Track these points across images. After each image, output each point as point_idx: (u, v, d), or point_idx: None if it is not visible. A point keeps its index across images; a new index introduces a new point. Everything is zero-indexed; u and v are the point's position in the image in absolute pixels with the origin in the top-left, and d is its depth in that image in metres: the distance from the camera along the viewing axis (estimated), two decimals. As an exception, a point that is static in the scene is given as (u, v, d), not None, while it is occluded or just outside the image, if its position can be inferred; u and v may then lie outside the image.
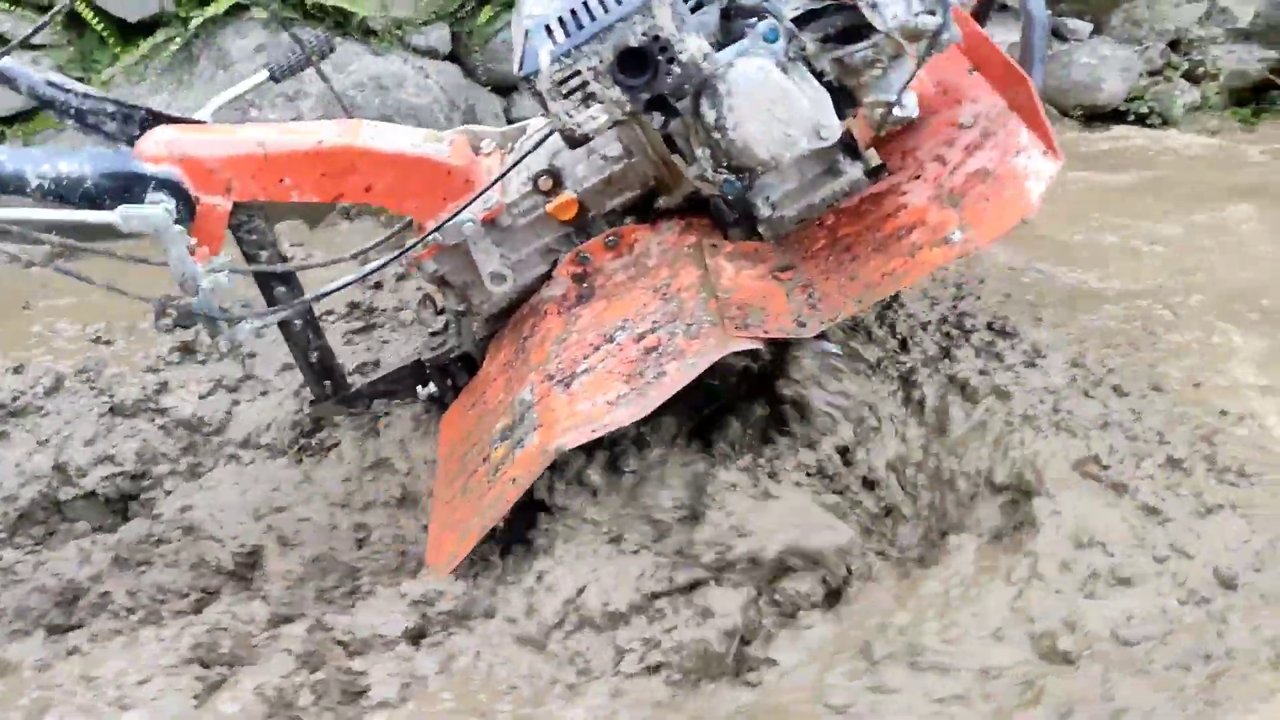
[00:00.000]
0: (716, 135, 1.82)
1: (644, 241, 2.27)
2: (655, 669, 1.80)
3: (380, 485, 2.48)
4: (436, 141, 2.28)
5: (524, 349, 2.27)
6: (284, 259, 2.35)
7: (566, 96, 1.71)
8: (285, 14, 3.74)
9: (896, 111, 1.84)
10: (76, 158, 2.08)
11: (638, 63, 1.72)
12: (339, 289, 2.21)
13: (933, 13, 1.73)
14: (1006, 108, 2.12)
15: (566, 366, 2.11)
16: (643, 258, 2.25)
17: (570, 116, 1.73)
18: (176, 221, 2.08)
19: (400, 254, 2.16)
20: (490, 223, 2.24)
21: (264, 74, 2.47)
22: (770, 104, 1.79)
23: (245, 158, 2.17)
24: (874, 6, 1.72)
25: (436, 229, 2.16)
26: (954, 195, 2.06)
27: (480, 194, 2.10)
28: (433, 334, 2.54)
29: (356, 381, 2.55)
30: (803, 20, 1.79)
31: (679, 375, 1.92)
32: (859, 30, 1.79)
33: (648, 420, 1.94)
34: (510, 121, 3.94)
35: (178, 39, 3.79)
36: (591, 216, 2.28)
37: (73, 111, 2.22)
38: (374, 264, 2.19)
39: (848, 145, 2.16)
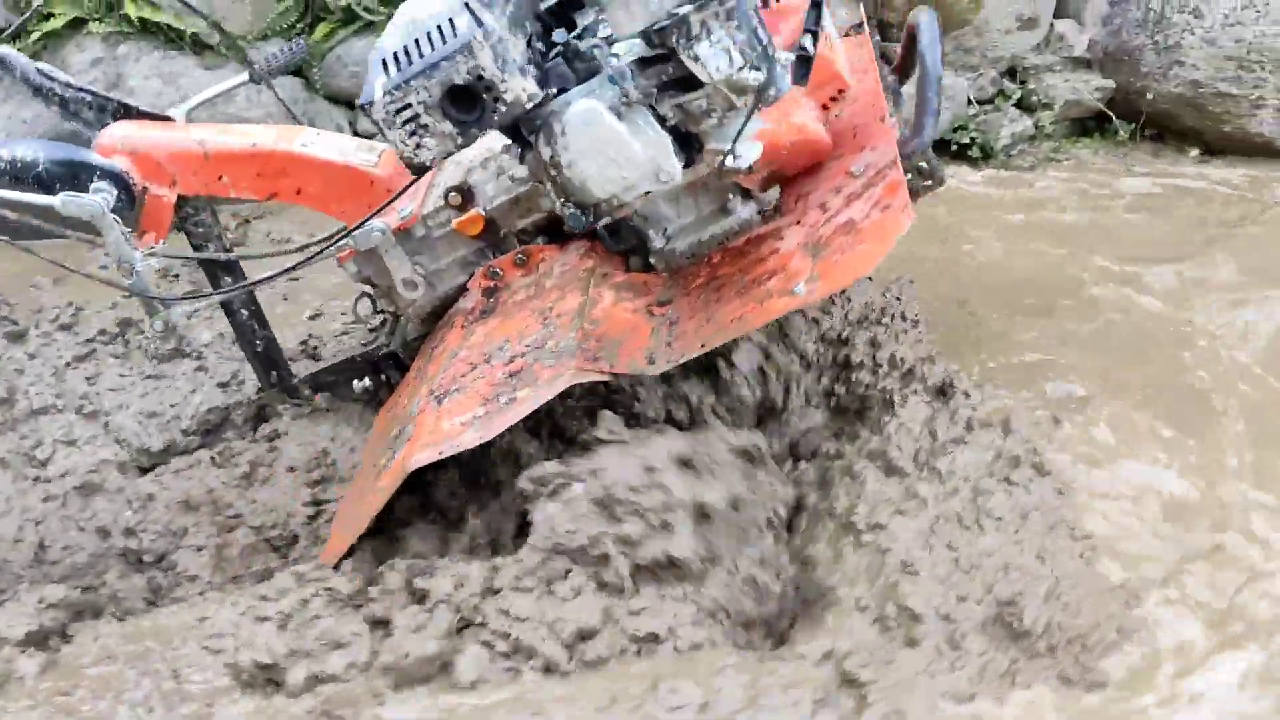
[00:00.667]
0: (554, 171, 1.90)
1: (550, 262, 2.36)
2: None
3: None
4: (368, 152, 2.43)
5: (429, 359, 2.40)
6: (228, 249, 2.55)
7: (400, 126, 1.83)
8: (119, 29, 3.97)
9: (730, 162, 1.88)
10: (34, 145, 2.32)
11: (467, 98, 1.82)
12: (269, 279, 2.39)
13: (757, 68, 1.77)
14: (893, 160, 2.12)
15: (445, 383, 2.22)
16: (544, 278, 2.34)
17: (405, 145, 1.85)
18: (117, 210, 2.31)
19: (314, 256, 2.31)
20: (405, 232, 2.37)
21: (244, 76, 2.68)
22: (602, 145, 1.86)
23: (188, 155, 2.38)
24: (697, 60, 1.77)
25: (347, 234, 2.31)
26: (819, 245, 2.08)
27: (385, 205, 2.23)
28: (371, 330, 2.69)
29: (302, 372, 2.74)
30: (643, 65, 1.85)
31: (524, 404, 2.01)
32: (694, 79, 1.84)
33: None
34: (356, 134, 4.08)
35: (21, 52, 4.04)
36: (503, 234, 2.39)
37: (57, 99, 2.47)
38: (299, 259, 2.35)
39: (740, 187, 2.21)
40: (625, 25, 1.80)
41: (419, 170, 1.88)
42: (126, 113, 2.49)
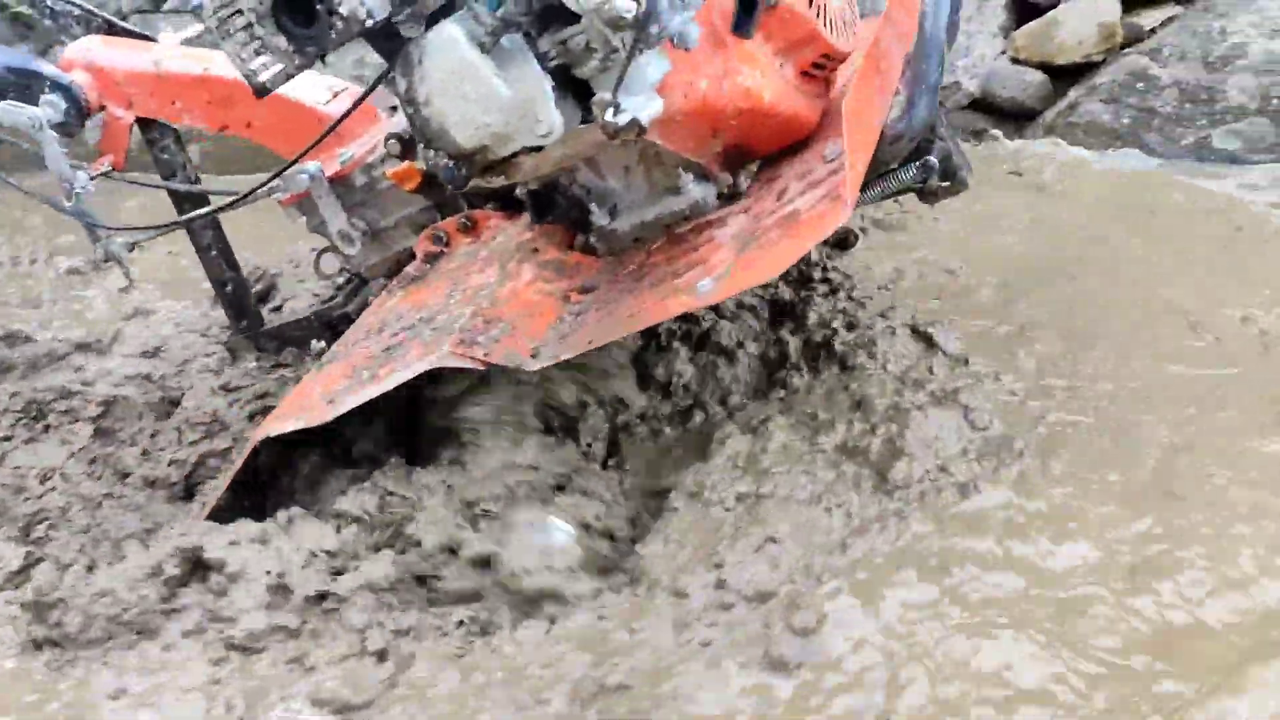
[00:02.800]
0: (409, 109, 1.58)
1: (494, 229, 2.06)
2: None
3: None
4: (323, 90, 2.20)
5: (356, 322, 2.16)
6: (195, 181, 2.38)
7: (232, 37, 1.57)
8: None
9: (609, 116, 1.50)
10: None
11: (304, 11, 1.53)
12: (215, 211, 2.20)
13: (635, -2, 1.39)
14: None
15: (339, 346, 1.97)
16: (483, 247, 2.04)
17: (243, 61, 1.58)
18: (63, 125, 2.18)
19: (249, 194, 2.10)
20: (343, 180, 2.13)
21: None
22: (458, 80, 1.52)
23: (143, 75, 2.22)
24: (568, -20, 1.41)
25: (277, 174, 2.08)
26: (753, 237, 1.67)
27: (311, 146, 1.99)
28: (337, 288, 2.46)
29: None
30: (525, -10, 1.51)
31: (377, 384, 1.73)
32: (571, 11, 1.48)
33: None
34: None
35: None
36: (449, 194, 2.10)
37: (48, 10, 2.38)
38: (234, 198, 2.14)
39: (694, 165, 1.83)
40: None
41: (260, 93, 1.61)
42: (110, 30, 2.37)
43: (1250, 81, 3.17)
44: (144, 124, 2.30)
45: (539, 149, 1.62)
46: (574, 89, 1.59)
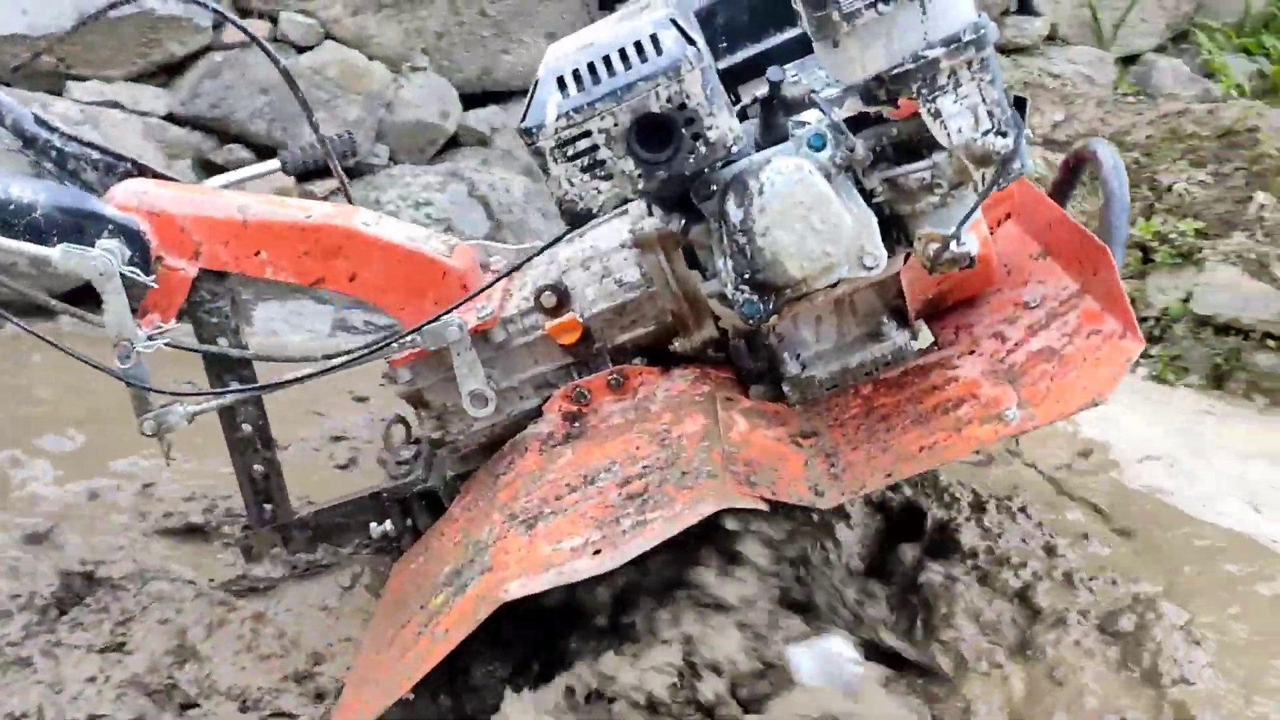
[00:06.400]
0: (742, 239, 1.54)
1: (651, 385, 1.97)
2: None
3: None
4: (439, 242, 2.04)
5: (493, 487, 1.95)
6: (244, 348, 2.08)
7: (571, 160, 1.47)
8: None
9: (954, 247, 1.56)
10: (34, 185, 1.87)
11: (659, 134, 1.47)
12: (293, 382, 1.92)
13: (1004, 134, 1.48)
14: (1079, 290, 1.84)
15: (534, 506, 1.77)
16: (646, 402, 1.94)
17: (572, 185, 1.48)
18: (127, 274, 1.85)
19: (372, 350, 1.88)
20: (482, 336, 1.96)
21: (276, 163, 2.30)
22: (807, 211, 1.52)
23: (222, 222, 1.95)
24: (937, 116, 1.47)
25: (417, 329, 1.88)
26: (1012, 372, 1.75)
27: (476, 294, 1.84)
28: (399, 463, 2.21)
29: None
30: (855, 126, 1.55)
31: (661, 528, 1.58)
32: (916, 148, 1.54)
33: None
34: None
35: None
36: (596, 349, 2.00)
37: (54, 154, 2.04)
38: (340, 359, 1.90)
39: (896, 309, 1.89)
40: (850, 70, 1.50)
41: (577, 220, 1.50)
42: (140, 174, 2.06)
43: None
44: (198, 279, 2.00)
45: (834, 285, 1.63)
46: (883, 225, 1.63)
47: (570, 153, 1.46)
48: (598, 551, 1.59)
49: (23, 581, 2.10)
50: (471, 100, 4.04)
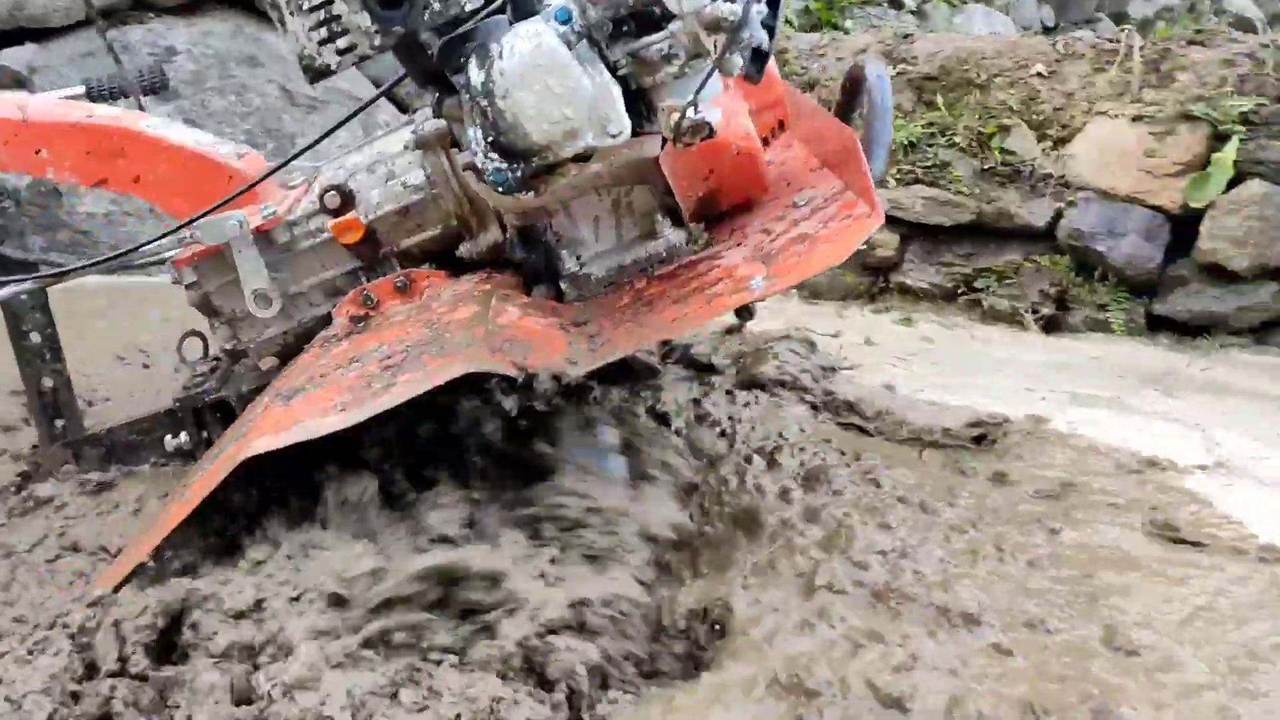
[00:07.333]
0: (484, 102, 1.59)
1: (437, 288, 2.00)
2: None
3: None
4: (228, 147, 2.06)
5: (271, 387, 1.96)
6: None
7: (307, 13, 1.50)
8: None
9: (692, 114, 1.62)
10: None
11: (394, -10, 1.52)
12: (66, 273, 1.92)
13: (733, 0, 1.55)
14: (843, 188, 1.92)
15: (298, 385, 1.79)
16: (430, 301, 1.97)
17: (310, 40, 1.52)
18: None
19: (152, 242, 1.88)
20: (264, 235, 1.98)
21: (80, 88, 2.30)
22: (545, 74, 1.57)
23: (1, 120, 1.95)
24: (670, -13, 1.54)
25: (193, 219, 1.89)
26: (769, 255, 1.82)
27: (250, 186, 1.86)
28: (195, 377, 2.19)
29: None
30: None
31: (406, 388, 1.61)
32: (657, 21, 1.61)
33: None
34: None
35: None
36: (383, 254, 2.02)
37: None
38: (121, 253, 1.90)
39: (671, 210, 1.95)
40: (587, -58, 1.57)
41: (318, 75, 1.53)
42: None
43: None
44: (-22, 179, 2.00)
45: (585, 159, 1.68)
46: (630, 101, 1.69)
47: (306, 5, 1.50)
48: (344, 410, 1.61)
49: None
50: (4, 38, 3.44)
